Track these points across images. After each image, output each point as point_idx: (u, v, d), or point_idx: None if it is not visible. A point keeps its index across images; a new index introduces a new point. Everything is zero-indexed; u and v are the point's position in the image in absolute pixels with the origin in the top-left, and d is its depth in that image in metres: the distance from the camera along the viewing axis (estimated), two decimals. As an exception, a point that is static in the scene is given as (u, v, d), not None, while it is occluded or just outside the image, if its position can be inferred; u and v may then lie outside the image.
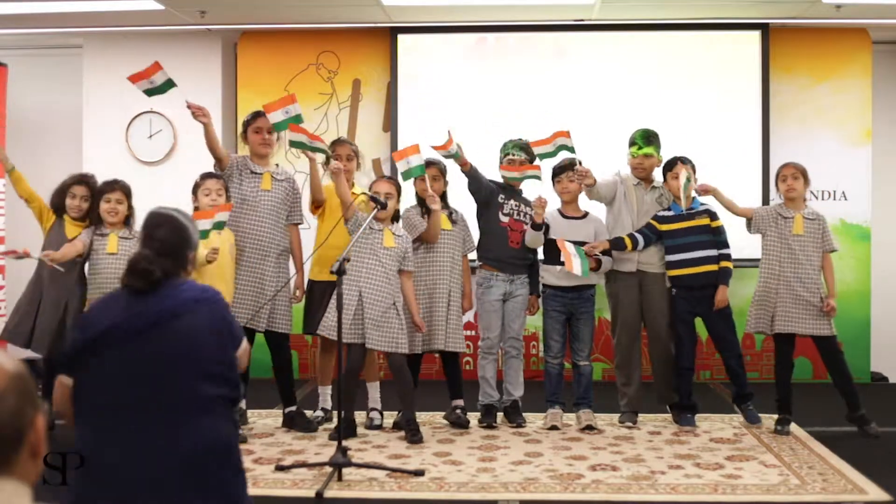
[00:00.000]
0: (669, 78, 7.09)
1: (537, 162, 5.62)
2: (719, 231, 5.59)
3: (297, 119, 5.28)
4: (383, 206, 5.22)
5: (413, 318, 5.30)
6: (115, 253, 5.22)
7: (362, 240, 5.15)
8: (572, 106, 7.11)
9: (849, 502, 4.10)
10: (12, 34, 7.34)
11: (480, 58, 7.21)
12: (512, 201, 5.67)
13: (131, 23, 7.01)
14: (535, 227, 5.51)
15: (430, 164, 5.53)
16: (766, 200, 7.05)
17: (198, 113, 5.29)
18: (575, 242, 5.51)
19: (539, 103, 7.10)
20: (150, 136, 7.35)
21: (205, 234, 4.78)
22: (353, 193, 5.47)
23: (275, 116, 5.28)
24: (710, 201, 5.66)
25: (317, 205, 5.62)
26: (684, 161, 5.56)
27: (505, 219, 5.63)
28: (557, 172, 5.70)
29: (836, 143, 7.13)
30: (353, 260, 5.17)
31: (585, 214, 5.73)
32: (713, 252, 5.53)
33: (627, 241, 5.50)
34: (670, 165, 5.60)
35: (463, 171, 5.56)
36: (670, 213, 5.56)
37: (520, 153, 5.62)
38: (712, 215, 5.59)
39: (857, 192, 7.14)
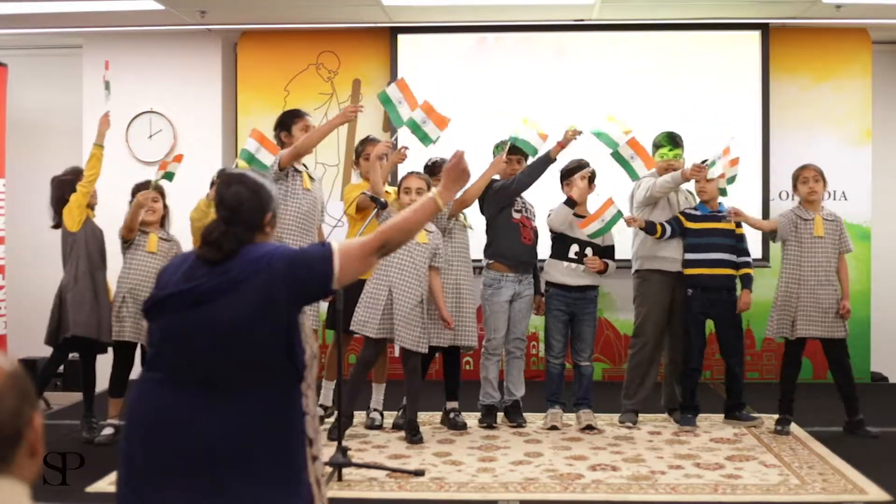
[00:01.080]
0: (669, 78, 7.09)
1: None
2: (742, 239, 5.64)
3: (262, 167, 5.09)
4: (383, 206, 5.22)
5: (441, 312, 5.26)
6: (154, 253, 5.24)
7: None
8: (572, 106, 7.09)
9: (849, 502, 4.10)
10: (12, 34, 7.34)
11: (480, 58, 7.21)
12: (520, 199, 5.70)
13: (131, 23, 7.01)
14: (569, 203, 5.56)
15: (416, 174, 5.49)
16: (765, 200, 7.06)
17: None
18: (586, 242, 5.58)
19: (539, 103, 7.09)
20: (150, 136, 7.35)
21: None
22: (387, 192, 5.47)
23: (249, 144, 5.20)
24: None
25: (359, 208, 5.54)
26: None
27: (517, 216, 5.64)
28: (565, 175, 5.71)
29: (836, 143, 7.13)
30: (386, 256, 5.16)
31: None
32: (733, 257, 5.54)
33: (658, 227, 5.54)
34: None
35: (552, 157, 5.58)
36: (697, 213, 5.59)
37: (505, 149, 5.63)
38: (738, 222, 5.63)
39: (857, 192, 7.14)
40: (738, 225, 5.63)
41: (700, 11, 6.82)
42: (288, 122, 5.33)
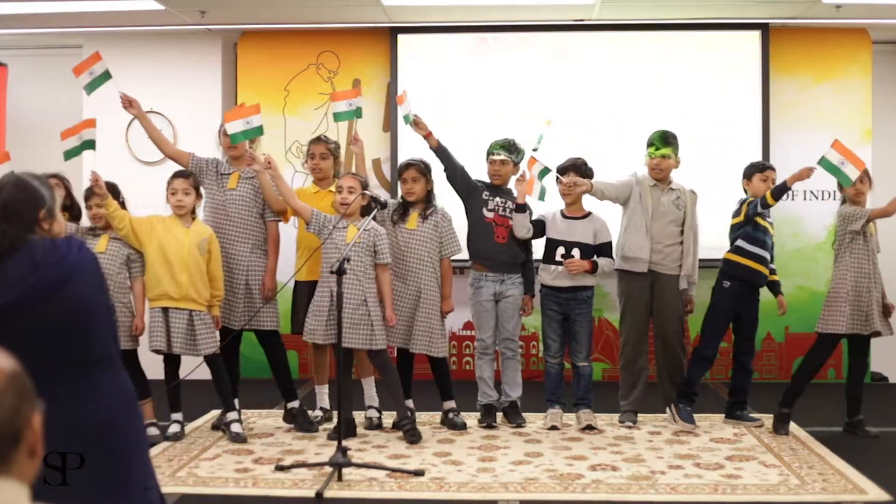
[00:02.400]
0: (669, 78, 7.09)
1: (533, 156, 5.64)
2: (773, 245, 5.69)
3: (258, 132, 5.36)
4: (383, 206, 5.22)
5: (385, 310, 5.26)
6: (103, 252, 5.22)
7: (329, 239, 5.16)
8: (572, 106, 7.10)
9: (849, 502, 4.10)
10: (12, 34, 7.34)
11: (480, 58, 7.21)
12: (497, 198, 5.66)
13: (131, 23, 7.01)
14: (519, 208, 5.51)
15: (410, 164, 5.54)
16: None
17: (125, 104, 5.49)
18: (573, 243, 5.55)
19: (539, 103, 7.10)
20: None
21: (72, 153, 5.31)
22: (330, 191, 5.51)
23: (234, 126, 5.35)
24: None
25: (281, 212, 5.55)
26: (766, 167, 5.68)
27: (490, 214, 5.62)
28: (560, 173, 5.70)
29: (836, 143, 7.11)
30: (323, 260, 5.21)
31: (587, 214, 5.71)
32: (769, 257, 5.59)
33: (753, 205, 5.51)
34: (757, 168, 5.67)
35: (431, 149, 5.58)
36: (760, 210, 5.52)
37: (500, 151, 5.61)
38: (773, 228, 5.68)
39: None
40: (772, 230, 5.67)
41: (700, 11, 6.82)
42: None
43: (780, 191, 5.37)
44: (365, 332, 5.18)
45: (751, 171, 5.68)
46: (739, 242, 5.55)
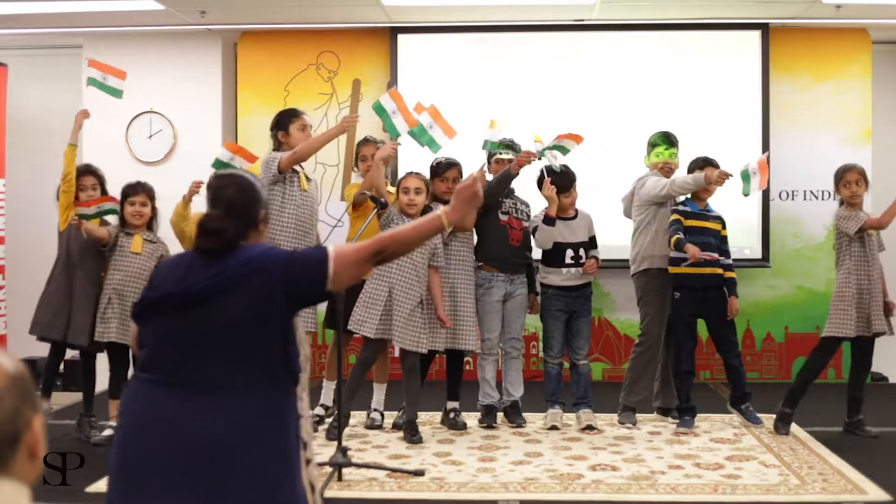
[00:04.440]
0: (669, 78, 7.09)
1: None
2: (726, 240, 5.59)
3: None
4: (383, 206, 5.22)
5: (437, 312, 5.25)
6: (139, 253, 5.24)
7: None
8: (572, 106, 7.10)
9: (849, 502, 4.10)
10: (12, 34, 7.34)
11: (480, 58, 7.21)
12: (509, 200, 5.67)
13: (131, 23, 7.01)
14: (549, 221, 5.51)
15: (450, 164, 5.54)
16: (765, 200, 7.06)
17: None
18: (578, 244, 5.58)
19: (539, 103, 7.10)
20: (150, 136, 7.35)
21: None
22: (389, 192, 5.47)
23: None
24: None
25: (355, 205, 5.54)
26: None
27: (504, 217, 5.63)
28: (544, 176, 5.71)
29: (836, 143, 7.12)
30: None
31: (576, 213, 5.72)
32: (717, 257, 5.48)
33: (676, 241, 5.45)
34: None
35: (513, 175, 5.49)
36: (689, 210, 5.53)
37: (507, 151, 5.61)
38: (723, 223, 5.60)
39: (858, 192, 7.12)
40: (724, 227, 5.59)
41: (700, 11, 6.82)
42: (285, 121, 5.33)
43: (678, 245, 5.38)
44: (414, 333, 5.17)
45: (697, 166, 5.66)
46: (672, 253, 5.51)
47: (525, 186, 5.83)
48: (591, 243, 5.68)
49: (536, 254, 5.77)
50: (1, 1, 6.39)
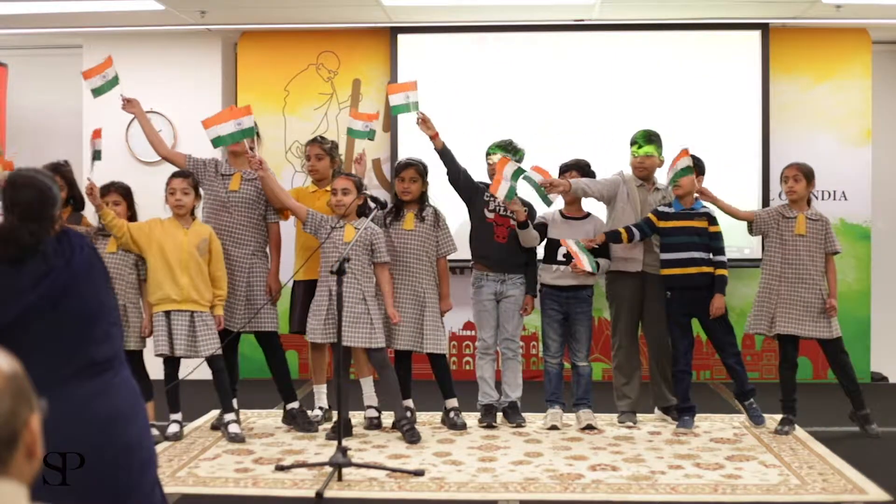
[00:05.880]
0: (669, 78, 7.08)
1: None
2: (717, 237, 5.50)
3: (250, 132, 5.34)
4: (383, 206, 5.22)
5: (387, 308, 5.28)
6: (115, 252, 5.23)
7: (328, 238, 5.17)
8: (572, 106, 7.10)
9: (849, 502, 4.10)
10: (12, 34, 7.34)
11: (480, 58, 7.21)
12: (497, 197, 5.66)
13: (131, 23, 7.01)
14: (520, 225, 5.50)
15: (409, 164, 5.56)
16: (766, 200, 7.05)
17: (125, 104, 5.55)
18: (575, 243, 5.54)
19: (539, 103, 7.10)
20: (150, 136, 7.33)
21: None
22: (327, 191, 5.50)
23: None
24: (713, 207, 5.63)
25: (281, 210, 5.57)
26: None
27: (490, 214, 5.62)
28: (561, 172, 5.71)
29: (836, 143, 7.12)
30: (322, 260, 5.22)
31: (587, 215, 5.72)
32: (707, 255, 5.44)
33: (623, 234, 5.46)
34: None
35: (436, 150, 5.52)
36: (670, 210, 5.50)
37: (499, 152, 5.59)
38: (711, 220, 5.52)
39: (857, 192, 7.13)
40: (713, 223, 5.52)
41: (700, 11, 6.82)
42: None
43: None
44: (364, 330, 5.18)
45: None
46: (661, 255, 5.52)
47: (525, 187, 5.82)
48: (600, 249, 5.57)
49: (541, 254, 5.77)
50: (1, 1, 6.39)
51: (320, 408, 5.69)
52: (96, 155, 5.51)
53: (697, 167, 5.58)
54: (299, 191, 5.77)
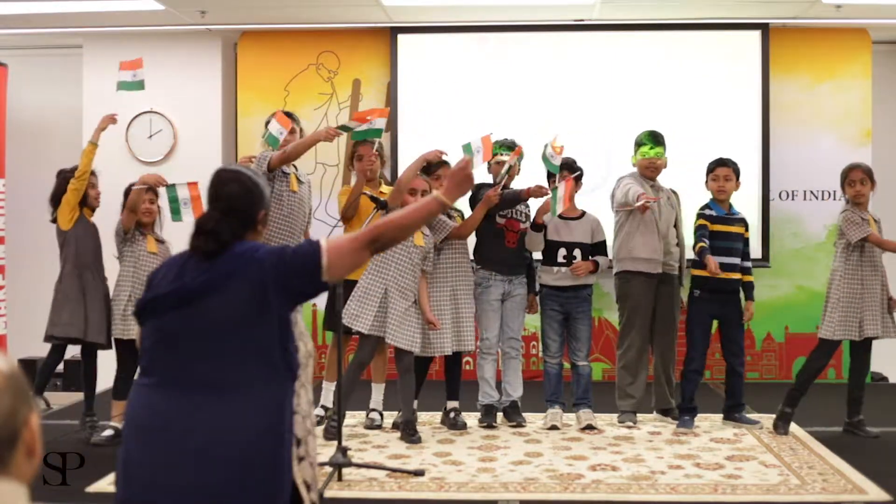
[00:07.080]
0: (669, 78, 7.09)
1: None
2: (748, 243, 5.58)
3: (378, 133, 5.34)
4: (383, 207, 5.22)
5: (425, 315, 5.25)
6: (155, 253, 5.24)
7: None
8: (572, 106, 7.11)
9: (849, 502, 4.10)
10: (12, 34, 7.34)
11: (481, 58, 7.21)
12: None
13: (131, 23, 7.01)
14: (535, 227, 5.51)
15: (422, 177, 5.51)
16: (765, 200, 7.06)
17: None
18: (573, 244, 5.55)
19: (539, 103, 7.10)
20: (150, 136, 7.35)
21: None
22: (381, 192, 5.47)
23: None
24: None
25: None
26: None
27: (501, 220, 5.62)
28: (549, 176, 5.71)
29: (836, 143, 7.12)
30: (383, 254, 5.17)
31: (582, 214, 5.72)
32: (739, 261, 5.49)
33: (701, 247, 5.40)
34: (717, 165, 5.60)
35: (523, 197, 5.51)
36: (714, 214, 5.51)
37: (506, 151, 5.59)
38: (747, 226, 5.59)
39: (858, 192, 7.12)
40: (747, 229, 5.58)
41: (700, 11, 6.82)
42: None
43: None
44: (410, 332, 5.18)
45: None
46: (690, 256, 5.52)
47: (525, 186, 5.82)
48: (598, 248, 5.63)
49: (538, 254, 5.76)
50: (1, 1, 6.39)
51: (323, 406, 5.67)
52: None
53: (735, 172, 5.56)
54: (346, 190, 5.72)
